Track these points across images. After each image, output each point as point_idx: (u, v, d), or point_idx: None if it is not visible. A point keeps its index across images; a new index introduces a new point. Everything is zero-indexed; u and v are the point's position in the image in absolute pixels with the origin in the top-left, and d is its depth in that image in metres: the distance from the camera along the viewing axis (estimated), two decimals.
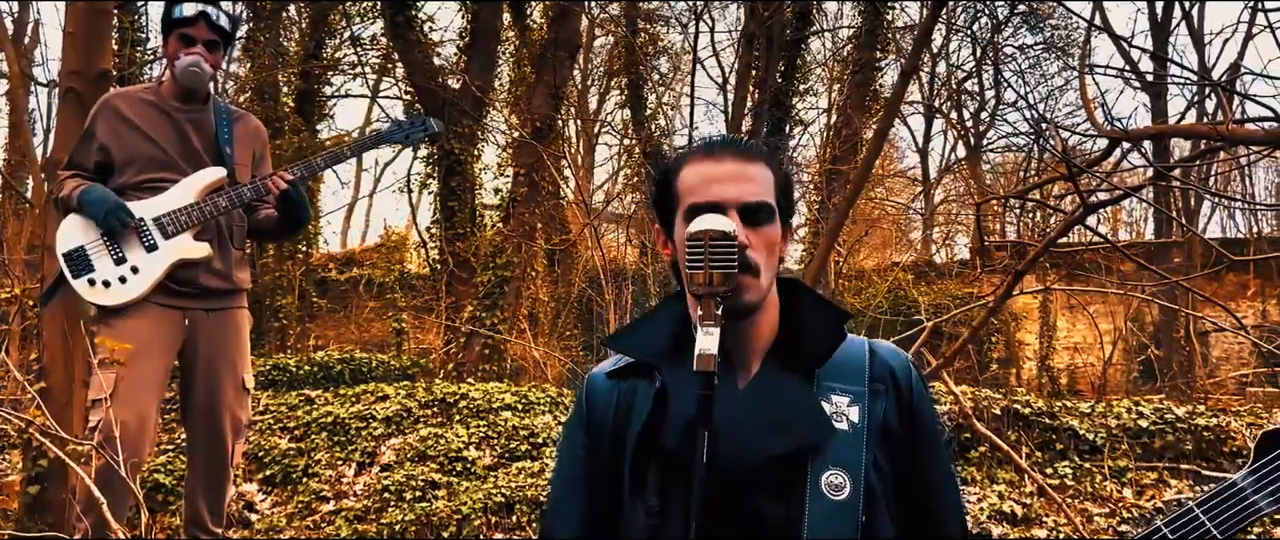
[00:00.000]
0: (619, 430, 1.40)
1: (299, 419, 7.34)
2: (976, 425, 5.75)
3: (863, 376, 1.35)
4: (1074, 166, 3.02)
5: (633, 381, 1.42)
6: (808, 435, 1.29)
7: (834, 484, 1.27)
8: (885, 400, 1.35)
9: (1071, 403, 7.06)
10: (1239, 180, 13.30)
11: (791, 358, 1.36)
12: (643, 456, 1.34)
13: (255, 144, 3.36)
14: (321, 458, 6.98)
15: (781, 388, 1.34)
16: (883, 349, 1.42)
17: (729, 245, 1.23)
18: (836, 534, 1.25)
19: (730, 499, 1.27)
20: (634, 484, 1.34)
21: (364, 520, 6.47)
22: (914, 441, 1.36)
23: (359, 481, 6.82)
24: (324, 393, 7.79)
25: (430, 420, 7.25)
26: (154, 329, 3.06)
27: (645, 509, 1.32)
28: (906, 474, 1.34)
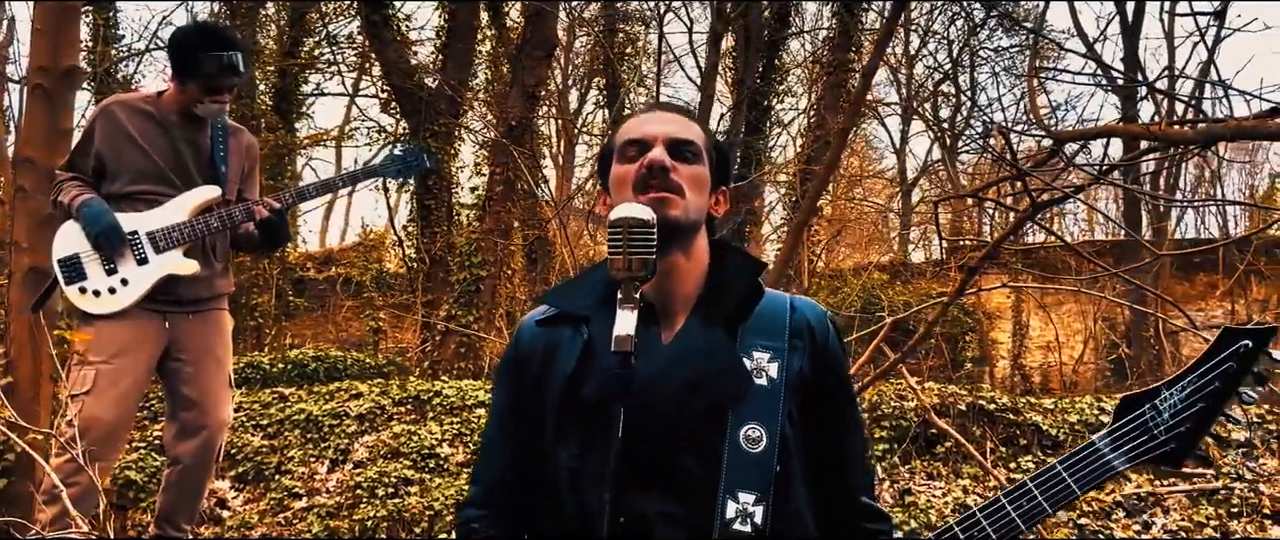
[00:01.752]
0: (543, 375, 1.44)
1: (272, 416, 7.36)
2: (936, 420, 5.84)
3: (783, 332, 1.42)
4: (1017, 166, 3.10)
5: (560, 329, 1.47)
6: (727, 392, 1.36)
7: (751, 437, 1.33)
8: (802, 355, 1.41)
9: (1036, 399, 7.17)
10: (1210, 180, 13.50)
11: (715, 310, 1.41)
12: (566, 406, 1.39)
13: (247, 159, 3.42)
14: (294, 455, 7.00)
15: (704, 343, 1.39)
16: (802, 304, 1.49)
17: (648, 232, 1.28)
18: (751, 484, 1.31)
19: (650, 451, 1.33)
20: (557, 432, 1.39)
21: (336, 517, 6.50)
22: (826, 394, 1.43)
23: (331, 478, 6.85)
24: (298, 390, 7.80)
25: (404, 417, 7.28)
26: (134, 331, 3.13)
27: (567, 454, 1.37)
28: (818, 425, 1.41)
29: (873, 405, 7.02)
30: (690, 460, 1.33)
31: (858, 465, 1.48)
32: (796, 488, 1.37)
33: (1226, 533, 5.78)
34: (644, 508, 1.32)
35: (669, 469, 1.33)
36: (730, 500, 1.31)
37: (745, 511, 1.30)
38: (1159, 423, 1.32)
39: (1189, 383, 1.33)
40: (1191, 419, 1.31)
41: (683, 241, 1.42)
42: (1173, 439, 1.32)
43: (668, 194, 1.39)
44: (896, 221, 16.70)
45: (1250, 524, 5.85)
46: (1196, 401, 1.32)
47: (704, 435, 1.34)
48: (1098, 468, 1.33)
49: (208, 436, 3.25)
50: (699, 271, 1.45)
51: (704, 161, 1.46)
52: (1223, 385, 1.31)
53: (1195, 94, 3.04)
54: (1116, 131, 2.93)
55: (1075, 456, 1.34)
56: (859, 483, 1.46)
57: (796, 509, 1.37)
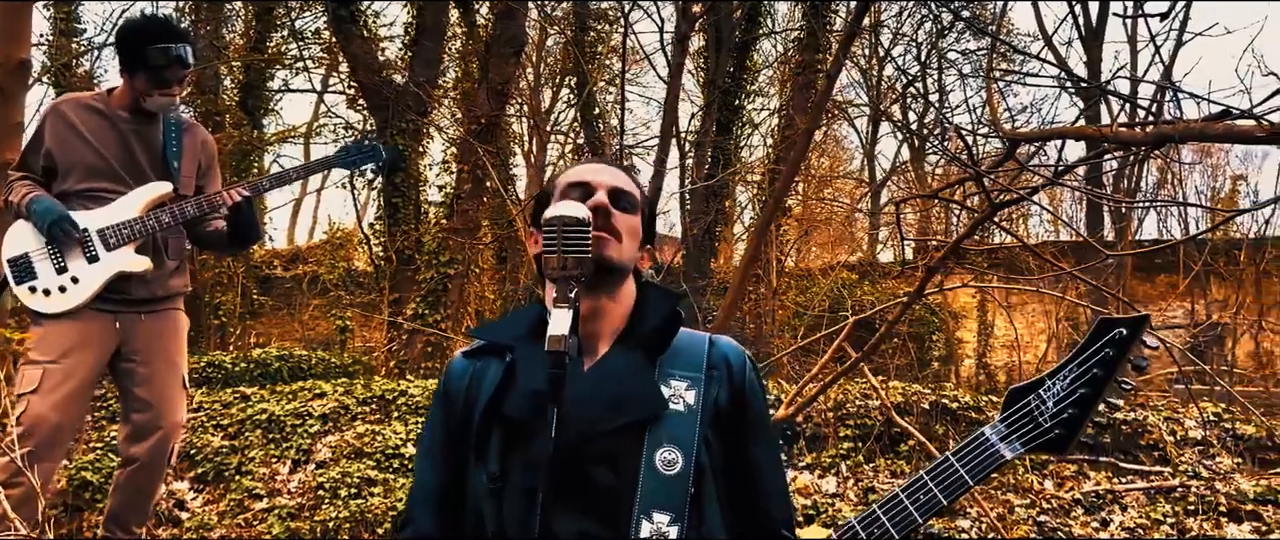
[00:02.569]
0: (469, 404, 1.49)
1: (233, 416, 7.27)
2: (898, 419, 5.88)
3: (701, 364, 1.48)
4: (975, 167, 3.13)
5: (486, 360, 1.53)
6: (642, 411, 1.40)
7: (667, 460, 1.37)
8: (719, 385, 1.47)
9: (998, 398, 7.24)
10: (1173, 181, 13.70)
11: (636, 343, 1.48)
12: (487, 425, 1.43)
13: (202, 156, 3.37)
14: (255, 455, 6.92)
15: (623, 368, 1.45)
16: (721, 342, 1.56)
17: (582, 231, 1.31)
18: (666, 505, 1.35)
19: (569, 470, 1.35)
20: (478, 452, 1.43)
21: (297, 518, 6.43)
22: (743, 425, 1.48)
23: (293, 479, 6.77)
24: (260, 390, 7.71)
25: (368, 417, 7.21)
26: (84, 331, 3.09)
27: (488, 476, 1.40)
28: (734, 454, 1.46)
29: (838, 404, 7.06)
30: (606, 480, 1.37)
31: (776, 498, 1.51)
32: (711, 511, 1.41)
33: (1183, 530, 5.87)
34: (561, 527, 1.34)
35: (586, 488, 1.37)
36: (645, 520, 1.34)
37: (660, 531, 1.33)
38: (1044, 411, 1.36)
39: (1071, 371, 1.37)
40: (1074, 405, 1.35)
41: (612, 285, 1.48)
42: (1058, 425, 1.36)
43: (607, 235, 1.45)
44: (866, 222, 16.81)
45: (1206, 522, 5.94)
46: (1079, 388, 1.35)
47: (620, 454, 1.37)
48: (987, 457, 1.37)
49: (161, 438, 3.21)
50: (621, 314, 1.50)
51: (637, 214, 1.54)
52: (1103, 372, 1.35)
53: (1154, 98, 3.09)
54: (1069, 133, 2.97)
55: (966, 447, 1.39)
56: (778, 515, 1.50)
57: (711, 533, 1.40)
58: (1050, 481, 6.32)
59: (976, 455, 1.37)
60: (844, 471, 6.66)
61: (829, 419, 7.04)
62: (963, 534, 5.80)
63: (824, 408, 7.05)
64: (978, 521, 5.87)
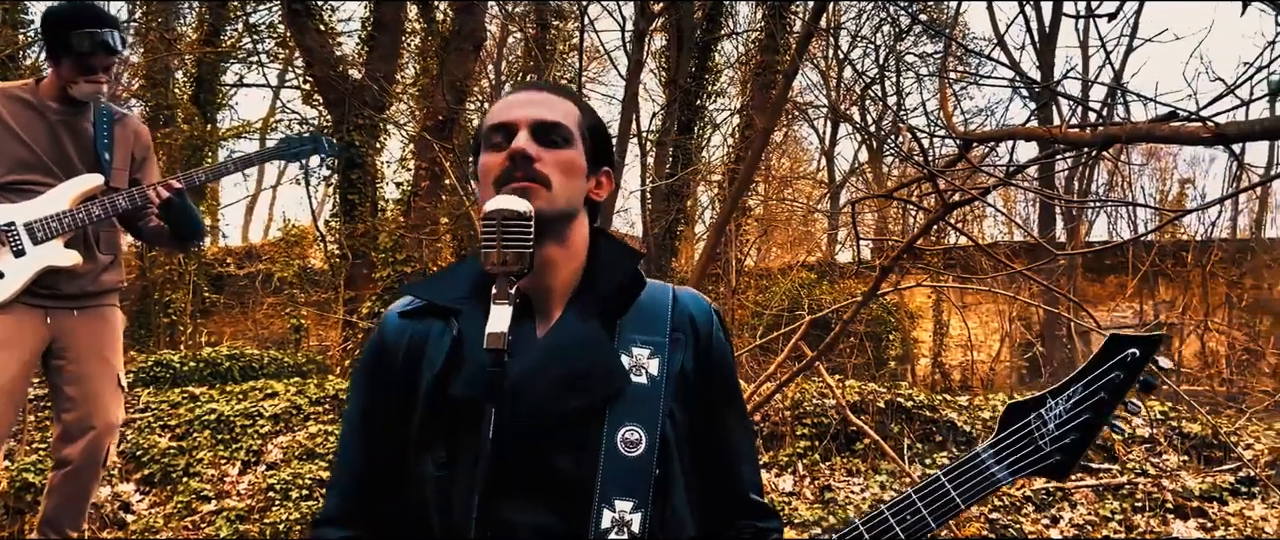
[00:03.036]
0: (409, 373, 1.34)
1: (181, 417, 7.12)
2: (852, 418, 5.91)
3: (665, 326, 1.35)
4: (929, 167, 3.14)
5: (427, 322, 1.37)
6: (602, 390, 1.28)
7: (629, 440, 1.26)
8: (684, 349, 1.35)
9: (952, 396, 7.33)
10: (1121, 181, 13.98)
11: (592, 303, 1.35)
12: (433, 408, 1.30)
13: (135, 146, 3.26)
14: (204, 456, 6.78)
15: (580, 337, 1.32)
16: (685, 296, 1.42)
17: (524, 224, 1.22)
18: (629, 491, 1.25)
19: (522, 455, 1.25)
20: (423, 437, 1.30)
21: (247, 520, 6.31)
22: (709, 389, 1.36)
23: (243, 480, 6.65)
24: (209, 389, 7.56)
25: (321, 417, 7.10)
26: (11, 327, 2.98)
27: (434, 462, 1.28)
28: (701, 420, 1.35)
29: (795, 403, 7.09)
30: (564, 466, 1.26)
31: (745, 462, 1.42)
32: (677, 491, 1.31)
33: (1130, 527, 5.98)
34: (514, 519, 1.24)
35: (541, 476, 1.26)
36: (606, 509, 1.24)
37: (622, 520, 1.24)
38: (1045, 434, 1.29)
39: (1076, 391, 1.29)
40: (1077, 430, 1.28)
41: (556, 231, 1.33)
42: (1058, 451, 1.28)
43: (531, 185, 1.30)
44: (825, 222, 16.94)
45: (1154, 519, 6.06)
46: (1083, 412, 1.28)
47: (578, 438, 1.27)
48: (982, 481, 1.29)
49: (94, 439, 3.11)
50: (576, 263, 1.37)
51: (575, 144, 1.36)
52: (1109, 395, 1.27)
53: (1105, 101, 3.15)
54: (1020, 133, 2.99)
55: (960, 468, 1.30)
56: (748, 480, 1.41)
57: (677, 514, 1.31)
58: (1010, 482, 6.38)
59: (970, 477, 1.29)
60: (800, 470, 6.69)
61: (786, 418, 7.07)
62: None
63: (781, 406, 7.07)
64: None
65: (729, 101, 13.72)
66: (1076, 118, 4.57)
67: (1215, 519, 6.01)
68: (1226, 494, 6.18)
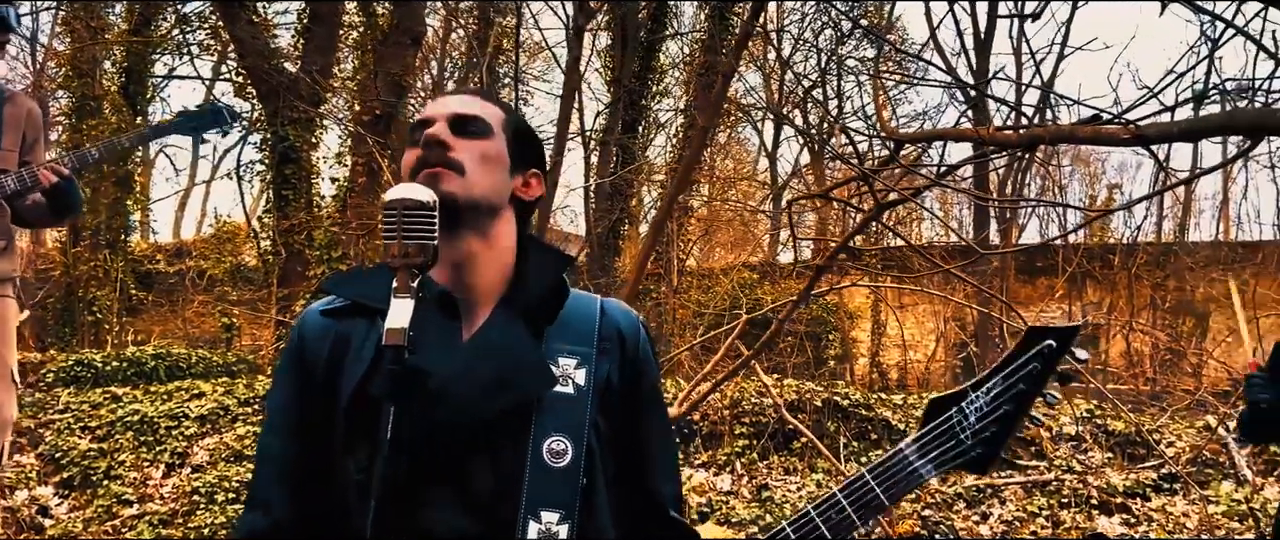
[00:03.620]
0: (331, 373, 1.31)
1: (102, 418, 6.88)
2: (788, 417, 5.95)
3: (592, 337, 1.34)
4: (862, 167, 3.16)
5: (351, 321, 1.34)
6: (529, 389, 1.26)
7: (556, 451, 1.24)
8: (610, 359, 1.34)
9: (887, 395, 7.43)
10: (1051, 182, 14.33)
11: (520, 307, 1.33)
12: (358, 409, 1.26)
13: (27, 128, 3.11)
14: (126, 459, 6.57)
15: (507, 340, 1.30)
16: (613, 307, 1.40)
17: (426, 214, 1.18)
18: (555, 502, 1.23)
19: (443, 459, 1.22)
20: (346, 437, 1.26)
21: (170, 524, 6.13)
22: (634, 401, 1.35)
23: (167, 483, 6.45)
24: (132, 390, 7.31)
25: (250, 418, 6.92)
26: None
27: (355, 464, 1.25)
28: (624, 433, 1.34)
29: (734, 402, 7.12)
30: (488, 473, 1.23)
31: (666, 477, 1.41)
32: (601, 501, 1.30)
33: (1057, 522, 6.12)
34: (434, 526, 1.21)
35: (464, 482, 1.23)
36: (532, 520, 1.22)
37: (549, 531, 1.22)
38: (966, 427, 1.28)
39: (995, 384, 1.28)
40: (998, 422, 1.27)
41: (475, 223, 1.31)
42: (979, 444, 1.27)
43: (444, 170, 1.28)
44: (767, 223, 17.06)
45: (1079, 514, 6.21)
46: (1003, 404, 1.28)
47: (504, 443, 1.24)
48: (906, 477, 1.29)
49: None
50: (502, 262, 1.34)
51: (494, 137, 1.35)
52: (1028, 387, 1.27)
53: (1038, 104, 3.22)
54: (949, 134, 3.02)
55: (885, 465, 1.30)
56: (667, 495, 1.40)
57: (602, 526, 1.29)
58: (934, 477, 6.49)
59: (894, 474, 1.28)
60: (738, 469, 6.72)
61: (725, 417, 7.09)
62: None
63: (720, 406, 7.09)
64: None
65: (674, 102, 13.76)
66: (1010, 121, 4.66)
67: (1138, 514, 6.18)
68: (1149, 490, 6.36)
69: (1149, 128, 2.35)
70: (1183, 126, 2.47)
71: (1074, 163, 16.54)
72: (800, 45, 14.95)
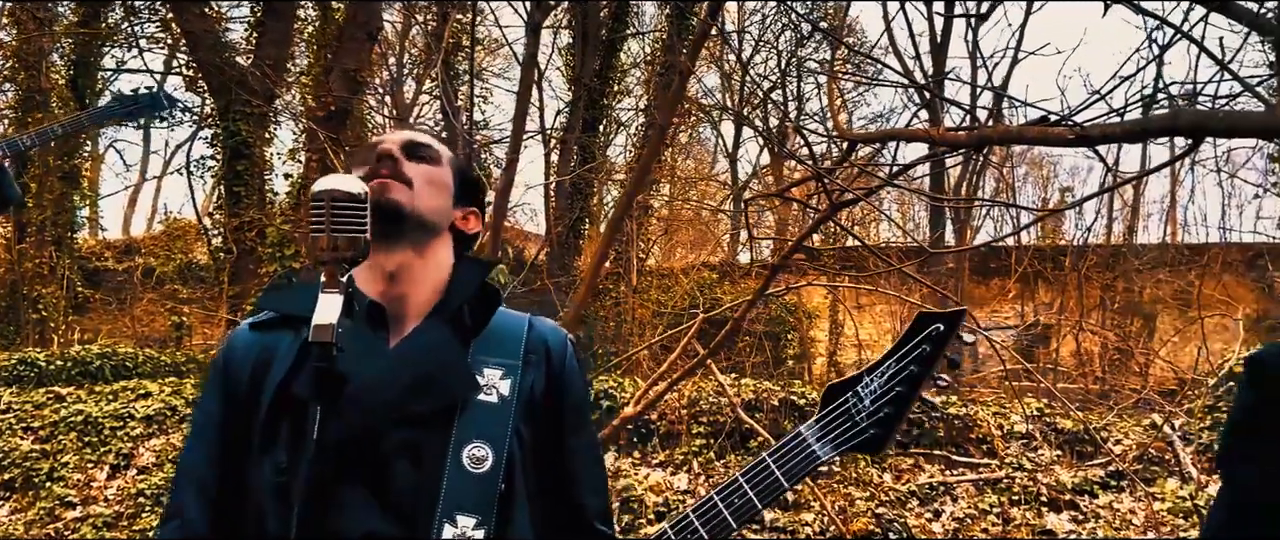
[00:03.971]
0: (256, 383, 1.31)
1: (45, 418, 6.70)
2: (744, 416, 5.97)
3: (518, 349, 1.36)
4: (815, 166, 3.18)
5: (278, 333, 1.35)
6: (449, 394, 1.27)
7: (476, 457, 1.25)
8: (536, 371, 1.35)
9: None
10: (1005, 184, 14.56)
11: (448, 319, 1.34)
12: (278, 411, 1.27)
13: None
14: (69, 460, 6.41)
15: (429, 345, 1.31)
16: (541, 324, 1.43)
17: (356, 207, 1.15)
18: (472, 507, 1.23)
19: (362, 461, 1.22)
20: (264, 439, 1.26)
21: (114, 527, 5.99)
22: (560, 414, 1.37)
23: (112, 485, 6.30)
24: (77, 390, 7.13)
25: None
26: None
27: (274, 467, 1.24)
28: (549, 445, 1.35)
29: (692, 401, 7.13)
30: (407, 475, 1.24)
31: (591, 491, 1.42)
32: (521, 511, 1.30)
33: (1007, 519, 6.21)
34: (350, 527, 1.21)
35: (383, 484, 1.23)
36: (448, 524, 1.22)
37: (464, 536, 1.23)
38: (861, 409, 1.32)
39: (889, 367, 1.33)
40: (891, 404, 1.31)
41: (416, 239, 1.34)
42: (874, 425, 1.31)
43: (393, 181, 1.33)
44: (728, 223, 17.14)
45: (1029, 511, 6.31)
46: (896, 386, 1.32)
47: (423, 447, 1.25)
48: (804, 460, 1.32)
49: None
50: (435, 278, 1.36)
51: (442, 166, 1.42)
52: (918, 368, 1.31)
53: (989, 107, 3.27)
54: (901, 134, 3.06)
55: (784, 448, 1.33)
56: (594, 508, 1.41)
57: (520, 534, 1.30)
58: (888, 474, 6.56)
59: (793, 456, 1.32)
60: (696, 468, 6.73)
61: (682, 416, 7.10)
62: (806, 527, 5.94)
63: (677, 405, 7.10)
64: (821, 515, 6.02)
65: (635, 101, 13.78)
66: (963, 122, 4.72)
67: (1086, 511, 6.29)
68: (1097, 487, 6.48)
69: (1092, 128, 2.40)
70: (1125, 128, 2.52)
71: (1028, 166, 16.87)
72: (761, 47, 15.07)
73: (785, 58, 14.38)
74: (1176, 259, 11.72)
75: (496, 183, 5.58)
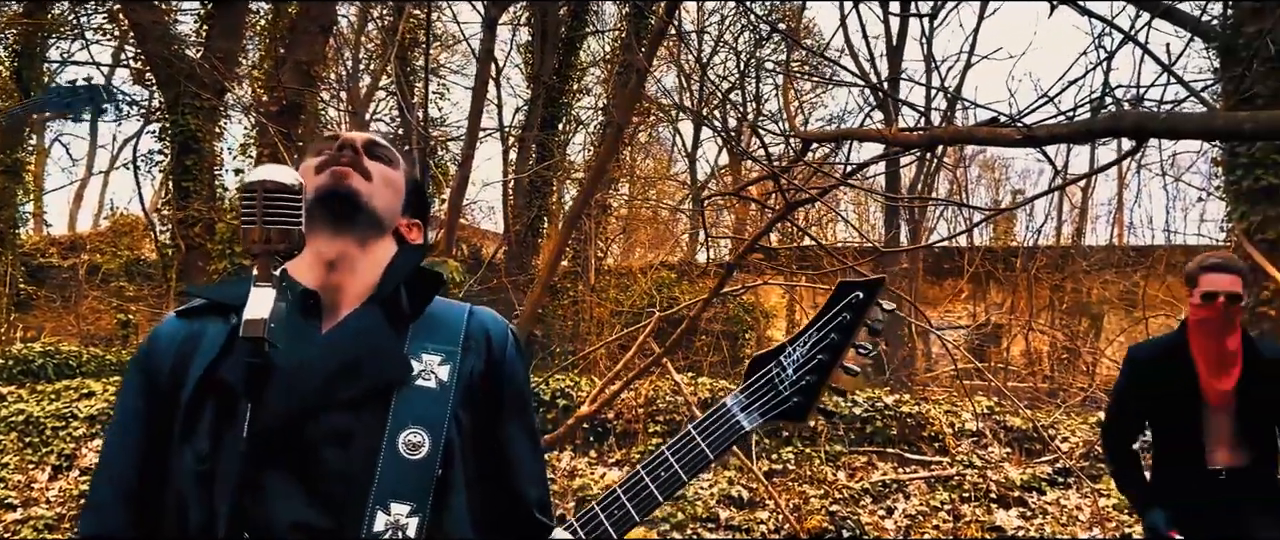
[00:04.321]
0: (179, 371, 1.27)
1: None
2: (698, 414, 5.96)
3: (458, 336, 1.34)
4: (770, 165, 3.19)
5: (205, 320, 1.31)
6: (381, 377, 1.24)
7: (412, 443, 1.22)
8: (475, 358, 1.33)
9: None
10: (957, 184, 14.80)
11: (384, 303, 1.32)
12: (201, 397, 1.23)
13: None
14: (10, 461, 6.24)
15: (364, 330, 1.28)
16: (482, 313, 1.41)
17: (290, 198, 1.12)
18: (407, 494, 1.20)
19: (290, 449, 1.19)
20: (186, 426, 1.22)
21: (56, 529, 5.84)
22: (500, 402, 1.35)
23: (53, 487, 6.14)
24: (17, 389, 6.93)
25: None
26: None
27: (195, 454, 1.20)
28: (489, 433, 1.34)
29: (649, 400, 7.14)
30: (337, 462, 1.20)
31: (531, 480, 1.40)
32: (458, 498, 1.27)
33: (958, 515, 6.31)
34: (276, 516, 1.17)
35: (312, 472, 1.20)
36: (381, 511, 1.19)
37: (398, 523, 1.19)
38: (784, 379, 1.33)
39: (810, 336, 1.34)
40: (813, 371, 1.33)
41: (361, 232, 1.32)
42: (797, 393, 1.33)
43: (352, 170, 1.32)
44: (687, 222, 17.19)
45: (979, 508, 6.41)
46: (817, 354, 1.33)
47: (356, 433, 1.21)
48: (728, 429, 1.33)
49: None
50: (373, 271, 1.34)
51: (399, 170, 1.42)
52: (839, 336, 1.33)
53: (940, 108, 3.34)
54: (855, 134, 3.09)
55: (708, 420, 1.33)
56: (533, 498, 1.39)
57: (458, 522, 1.27)
58: (843, 472, 6.62)
59: (717, 427, 1.32)
60: None
61: (639, 415, 7.11)
62: (761, 525, 5.98)
63: (634, 404, 7.11)
64: (775, 513, 6.06)
65: (594, 99, 13.76)
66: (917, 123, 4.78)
67: (1034, 508, 6.41)
68: (1045, 484, 6.60)
69: (1039, 129, 2.44)
70: (1070, 128, 2.57)
71: (980, 169, 17.18)
72: (719, 47, 15.11)
73: (744, 58, 14.44)
74: (1123, 260, 12.00)
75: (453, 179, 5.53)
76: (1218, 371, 3.05)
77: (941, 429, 6.91)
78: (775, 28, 13.17)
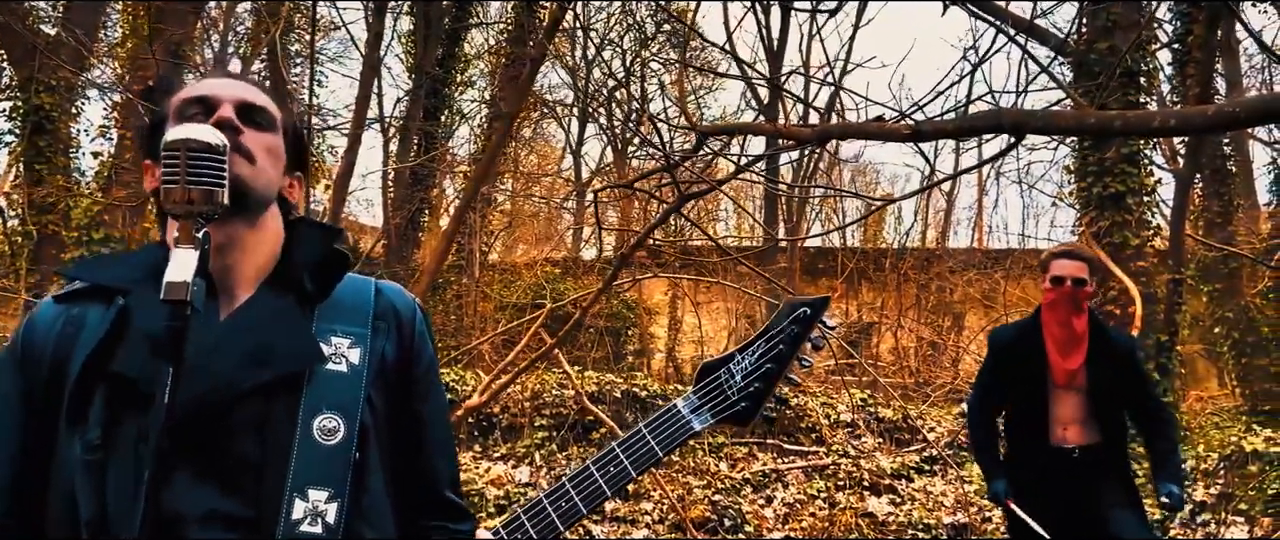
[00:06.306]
0: (60, 358, 1.21)
1: None
2: (590, 406, 6.02)
3: (367, 316, 1.31)
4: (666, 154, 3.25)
5: (86, 305, 1.24)
6: (291, 364, 1.20)
7: (327, 428, 1.20)
8: (386, 338, 1.31)
9: (684, 387, 7.67)
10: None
11: (287, 285, 1.27)
12: (87, 383, 1.16)
13: None
14: None
15: (268, 315, 1.24)
16: (389, 289, 1.39)
17: (214, 158, 1.08)
18: (325, 480, 1.18)
19: (199, 438, 1.14)
20: (73, 415, 1.16)
21: None
22: (410, 381, 1.34)
23: None
24: None
25: None
26: None
27: (84, 444, 1.14)
28: (399, 412, 1.32)
29: (535, 394, 7.11)
30: (251, 450, 1.17)
31: (441, 458, 1.40)
32: (375, 480, 1.26)
33: (833, 503, 6.56)
34: (186, 507, 1.13)
35: (223, 461, 1.16)
36: (298, 499, 1.16)
37: (316, 510, 1.17)
38: (733, 384, 1.40)
39: (759, 346, 1.42)
40: (760, 379, 1.40)
41: (250, 214, 1.25)
42: (744, 399, 1.40)
43: (234, 154, 1.20)
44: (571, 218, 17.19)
45: (853, 495, 6.68)
46: (765, 363, 1.41)
47: (268, 421, 1.18)
48: (679, 429, 1.39)
49: None
50: (269, 245, 1.29)
51: (278, 132, 1.32)
52: (786, 347, 1.42)
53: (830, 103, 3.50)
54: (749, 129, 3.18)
55: (659, 419, 1.39)
56: (443, 474, 1.39)
57: (376, 504, 1.26)
58: (725, 463, 6.78)
59: (668, 427, 1.39)
60: (538, 461, 6.72)
61: (526, 409, 7.07)
62: (645, 515, 6.05)
63: (520, 398, 7.07)
64: (660, 504, 6.15)
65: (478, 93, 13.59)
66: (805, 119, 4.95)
67: (903, 494, 6.73)
68: (913, 472, 6.94)
69: (924, 125, 2.59)
70: (955, 124, 2.73)
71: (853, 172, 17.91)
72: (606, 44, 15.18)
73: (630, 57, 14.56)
74: (983, 262, 12.75)
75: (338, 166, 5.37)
76: (1065, 351, 3.34)
77: (818, 420, 7.17)
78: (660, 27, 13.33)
